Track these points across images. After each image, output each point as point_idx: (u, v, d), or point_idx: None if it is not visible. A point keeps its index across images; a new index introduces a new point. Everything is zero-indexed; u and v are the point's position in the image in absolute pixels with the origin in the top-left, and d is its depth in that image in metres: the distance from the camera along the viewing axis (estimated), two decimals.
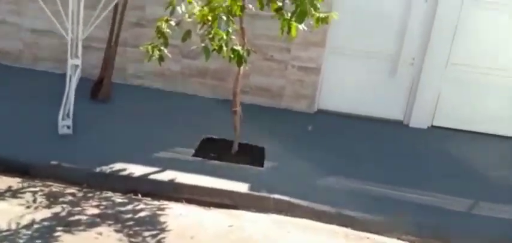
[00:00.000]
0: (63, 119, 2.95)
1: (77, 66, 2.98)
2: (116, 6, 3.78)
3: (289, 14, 2.43)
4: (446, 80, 4.20)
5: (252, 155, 3.06)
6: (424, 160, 3.60)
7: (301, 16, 2.29)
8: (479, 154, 3.87)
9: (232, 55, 2.47)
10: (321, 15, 2.41)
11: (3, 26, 4.35)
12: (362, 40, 4.13)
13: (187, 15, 2.50)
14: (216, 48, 2.33)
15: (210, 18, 2.38)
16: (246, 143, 3.19)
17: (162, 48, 2.58)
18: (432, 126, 4.32)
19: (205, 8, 2.40)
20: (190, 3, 2.55)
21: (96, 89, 3.80)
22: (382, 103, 4.31)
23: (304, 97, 4.27)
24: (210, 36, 2.33)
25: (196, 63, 4.21)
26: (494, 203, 2.97)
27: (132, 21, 4.12)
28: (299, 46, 4.09)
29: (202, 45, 2.35)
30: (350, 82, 4.29)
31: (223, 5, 2.44)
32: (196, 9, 2.40)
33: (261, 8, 2.60)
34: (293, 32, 2.43)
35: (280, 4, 2.49)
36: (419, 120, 4.31)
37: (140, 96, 4.10)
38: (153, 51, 2.57)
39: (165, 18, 2.53)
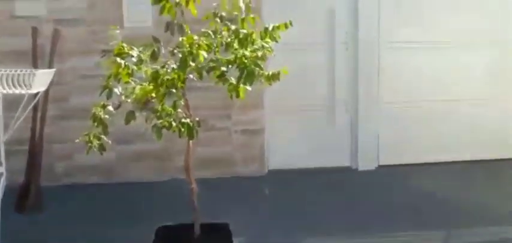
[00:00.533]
0: None
1: (0, 174, 2.61)
2: (36, 103, 3.46)
3: (234, 79, 2.26)
4: (383, 119, 4.37)
5: (218, 235, 2.80)
6: (381, 200, 3.59)
7: (249, 78, 2.17)
8: (432, 183, 3.95)
9: (182, 129, 2.23)
10: (270, 72, 2.31)
11: None
12: (297, 95, 4.20)
13: (124, 97, 2.24)
14: (166, 124, 2.15)
15: (153, 95, 2.19)
16: (207, 223, 2.93)
17: (101, 136, 2.27)
18: (379, 166, 4.40)
19: (148, 85, 2.19)
20: (127, 82, 2.34)
21: (22, 199, 3.35)
22: (329, 152, 4.34)
23: (253, 160, 4.16)
24: (158, 114, 2.14)
25: (133, 147, 3.94)
26: (463, 228, 3.00)
27: (56, 114, 3.78)
28: (238, 110, 4.02)
29: (152, 124, 2.13)
30: (294, 137, 4.27)
31: (167, 79, 2.27)
32: (137, 88, 2.16)
33: (200, 78, 2.47)
34: (241, 94, 2.30)
35: (223, 69, 2.37)
36: (366, 163, 4.37)
37: (75, 196, 3.68)
38: (92, 141, 2.27)
39: (101, 103, 2.30)
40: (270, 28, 2.29)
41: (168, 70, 2.18)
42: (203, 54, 2.10)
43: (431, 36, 4.36)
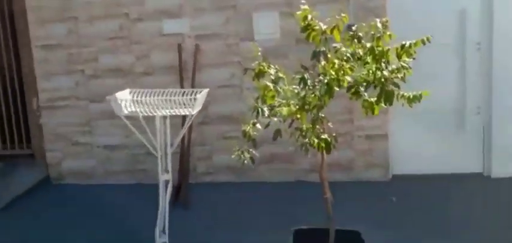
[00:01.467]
0: (159, 236, 2.95)
1: (168, 181, 3.00)
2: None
3: (369, 96, 2.33)
4: None
5: (351, 242, 2.93)
6: None
7: (389, 98, 2.21)
8: None
9: (323, 145, 2.37)
10: (412, 94, 2.29)
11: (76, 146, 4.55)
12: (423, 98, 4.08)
13: (270, 115, 2.40)
14: (313, 143, 2.29)
15: (299, 115, 2.34)
16: (340, 229, 3.07)
17: (251, 149, 2.48)
18: None
19: (293, 107, 2.34)
20: (272, 103, 2.42)
21: (174, 196, 3.80)
22: (457, 157, 4.14)
23: (377, 165, 4.16)
24: (303, 132, 2.31)
25: (263, 150, 4.21)
26: None
27: (198, 120, 4.23)
28: (361, 115, 4.06)
29: (302, 142, 2.30)
30: (420, 142, 4.15)
31: (315, 104, 2.33)
32: (284, 109, 2.32)
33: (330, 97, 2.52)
34: (376, 111, 2.35)
35: (361, 89, 2.34)
36: (500, 169, 4.08)
37: (214, 193, 4.08)
38: (244, 155, 2.48)
39: (252, 121, 2.48)
40: (407, 45, 2.27)
41: (315, 94, 2.29)
42: (347, 79, 2.20)
43: None
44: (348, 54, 2.28)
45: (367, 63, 2.31)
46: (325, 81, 2.19)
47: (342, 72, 2.20)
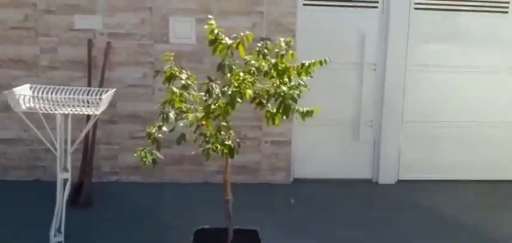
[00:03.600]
0: (54, 236, 2.86)
1: (66, 179, 2.91)
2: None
3: (271, 106, 2.49)
4: (404, 136, 4.55)
5: (249, 241, 3.09)
6: (406, 214, 3.82)
7: (286, 111, 2.39)
8: (450, 200, 4.13)
9: (226, 151, 2.47)
10: (305, 109, 2.49)
11: None
12: (324, 109, 4.39)
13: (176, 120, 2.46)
14: (215, 149, 2.38)
15: (204, 122, 2.43)
16: (238, 229, 3.22)
17: (154, 151, 2.52)
18: (398, 180, 4.59)
19: (199, 114, 2.42)
20: (180, 107, 2.49)
21: (75, 194, 3.67)
22: (351, 164, 4.56)
23: (280, 169, 4.41)
24: (206, 138, 2.39)
25: (172, 152, 4.21)
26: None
27: (105, 118, 4.14)
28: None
29: (204, 148, 2.39)
30: (319, 149, 4.50)
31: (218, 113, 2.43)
32: (190, 115, 2.40)
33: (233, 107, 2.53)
34: (277, 122, 2.53)
35: (263, 101, 2.51)
36: (386, 176, 4.57)
37: (119, 193, 4.01)
38: (146, 156, 2.50)
39: (157, 124, 2.52)
40: (306, 64, 2.48)
41: (218, 104, 2.40)
42: (249, 92, 2.34)
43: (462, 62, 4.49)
44: (253, 68, 2.43)
45: (273, 77, 2.48)
46: (229, 92, 2.32)
47: (244, 84, 2.35)
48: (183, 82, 2.43)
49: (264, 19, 4.18)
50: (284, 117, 2.46)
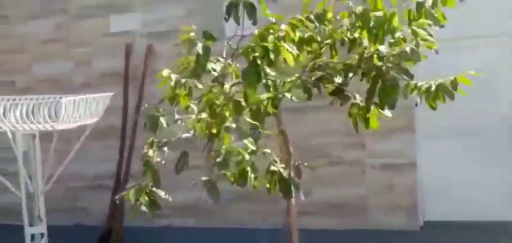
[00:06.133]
0: None
1: (42, 235, 2.09)
2: (123, 132, 3.19)
3: (359, 98, 1.59)
4: None
5: None
6: None
7: (390, 94, 1.40)
8: None
9: (268, 185, 1.51)
10: (433, 82, 1.43)
11: None
12: (459, 114, 3.07)
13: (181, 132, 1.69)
14: (233, 178, 1.47)
15: (215, 130, 1.57)
16: None
17: (151, 188, 1.67)
18: None
19: (204, 116, 1.58)
20: (188, 107, 1.69)
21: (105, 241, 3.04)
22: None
23: (399, 208, 3.22)
24: (218, 159, 1.44)
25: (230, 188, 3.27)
26: None
27: (142, 144, 3.36)
28: (376, 136, 2.97)
29: (203, 179, 1.45)
30: (464, 174, 3.19)
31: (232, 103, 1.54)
32: (191, 120, 1.61)
33: (309, 98, 1.68)
34: (373, 123, 1.61)
35: (339, 82, 1.61)
36: None
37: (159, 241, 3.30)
38: (139, 199, 1.66)
39: (150, 140, 1.74)
40: (429, 3, 1.48)
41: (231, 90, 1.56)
42: (289, 49, 1.41)
43: None
44: (312, 16, 1.55)
45: (359, 38, 1.52)
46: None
47: (277, 37, 1.43)
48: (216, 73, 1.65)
49: None
50: (386, 112, 1.54)
